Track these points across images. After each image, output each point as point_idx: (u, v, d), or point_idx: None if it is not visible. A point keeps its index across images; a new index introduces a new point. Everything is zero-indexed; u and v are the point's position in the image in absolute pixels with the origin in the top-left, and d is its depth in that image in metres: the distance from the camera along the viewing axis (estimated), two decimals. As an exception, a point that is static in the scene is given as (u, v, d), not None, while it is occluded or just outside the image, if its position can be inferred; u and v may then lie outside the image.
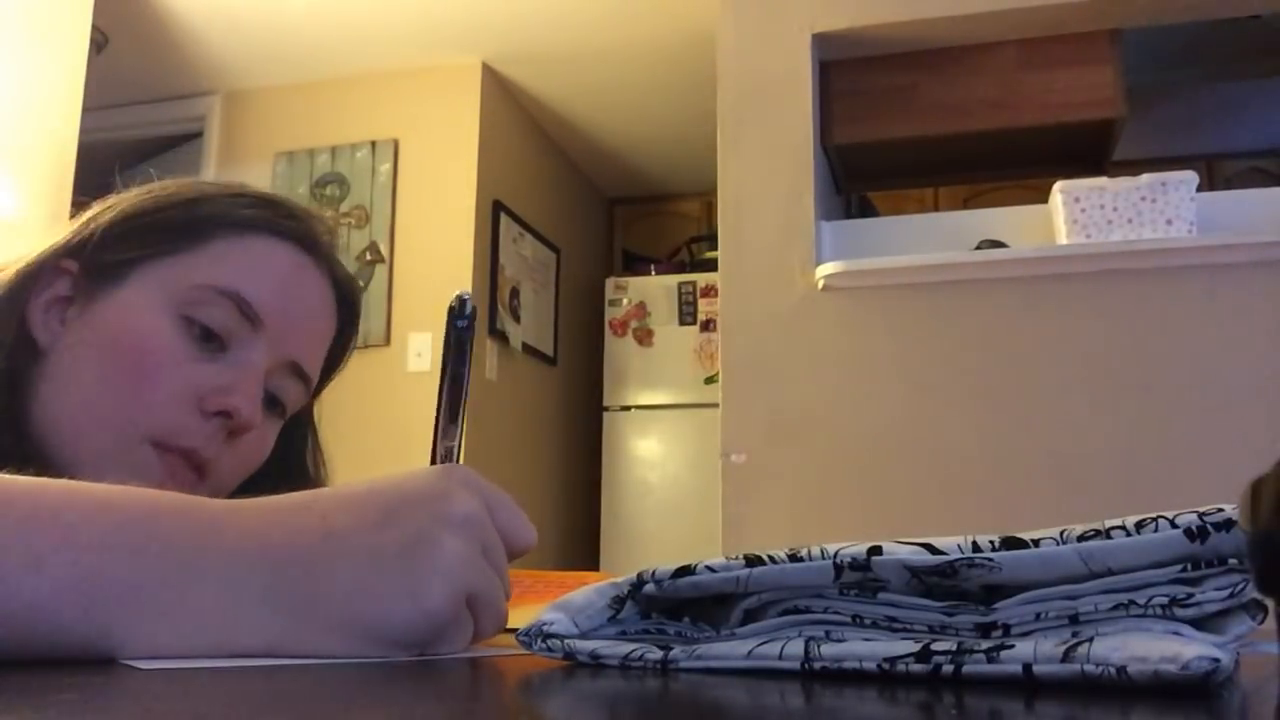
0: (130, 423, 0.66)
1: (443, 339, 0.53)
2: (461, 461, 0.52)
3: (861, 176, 3.17)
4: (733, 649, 0.38)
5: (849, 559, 0.37)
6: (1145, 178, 2.46)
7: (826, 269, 2.57)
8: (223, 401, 0.67)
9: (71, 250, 0.71)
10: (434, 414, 0.53)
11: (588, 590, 0.43)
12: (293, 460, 0.80)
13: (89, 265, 0.70)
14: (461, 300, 0.52)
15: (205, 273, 0.69)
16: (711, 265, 3.46)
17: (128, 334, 0.67)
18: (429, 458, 0.53)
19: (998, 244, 2.61)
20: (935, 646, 0.34)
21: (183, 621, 0.38)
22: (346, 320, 0.80)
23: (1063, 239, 2.50)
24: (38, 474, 0.54)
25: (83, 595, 0.37)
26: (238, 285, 0.69)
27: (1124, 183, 2.47)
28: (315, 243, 0.75)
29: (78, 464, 0.64)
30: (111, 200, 0.73)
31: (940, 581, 0.37)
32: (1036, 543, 0.35)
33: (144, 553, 0.39)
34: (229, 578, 0.39)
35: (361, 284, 3.78)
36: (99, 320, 0.68)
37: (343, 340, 0.80)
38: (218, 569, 0.39)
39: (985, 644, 0.34)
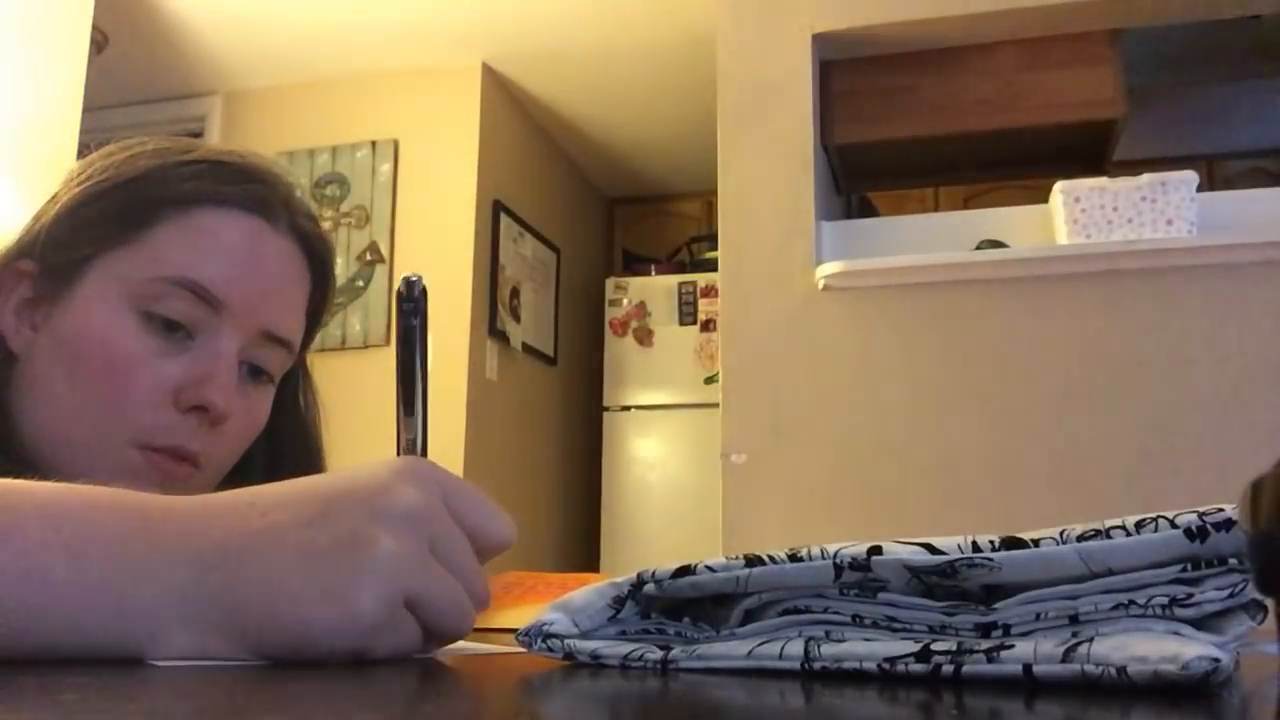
0: (110, 430, 0.66)
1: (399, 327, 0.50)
2: (429, 454, 0.50)
3: (861, 176, 3.17)
4: (733, 649, 0.38)
5: (849, 559, 0.37)
6: (1145, 178, 2.46)
7: (827, 269, 2.57)
8: (196, 396, 0.67)
9: (24, 250, 0.70)
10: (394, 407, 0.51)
11: (588, 590, 0.43)
12: (287, 409, 0.80)
13: (44, 266, 0.69)
14: (409, 283, 0.49)
15: (156, 264, 0.68)
16: (711, 265, 3.46)
17: (92, 341, 0.67)
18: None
19: (998, 244, 2.61)
20: (935, 646, 0.34)
21: (118, 625, 0.38)
22: (318, 271, 0.78)
23: (1063, 239, 2.50)
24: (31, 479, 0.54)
25: (23, 602, 0.37)
26: (190, 272, 0.68)
27: (1124, 183, 2.47)
28: (267, 203, 0.73)
29: (68, 473, 0.64)
30: (56, 190, 0.72)
31: (940, 581, 0.37)
32: (1036, 543, 0.35)
33: (84, 556, 0.38)
34: (164, 580, 0.38)
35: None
36: (64, 326, 0.68)
37: (320, 291, 0.79)
38: (154, 570, 0.38)
39: (985, 644, 0.34)
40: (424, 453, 0.49)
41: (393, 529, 0.40)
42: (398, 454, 0.49)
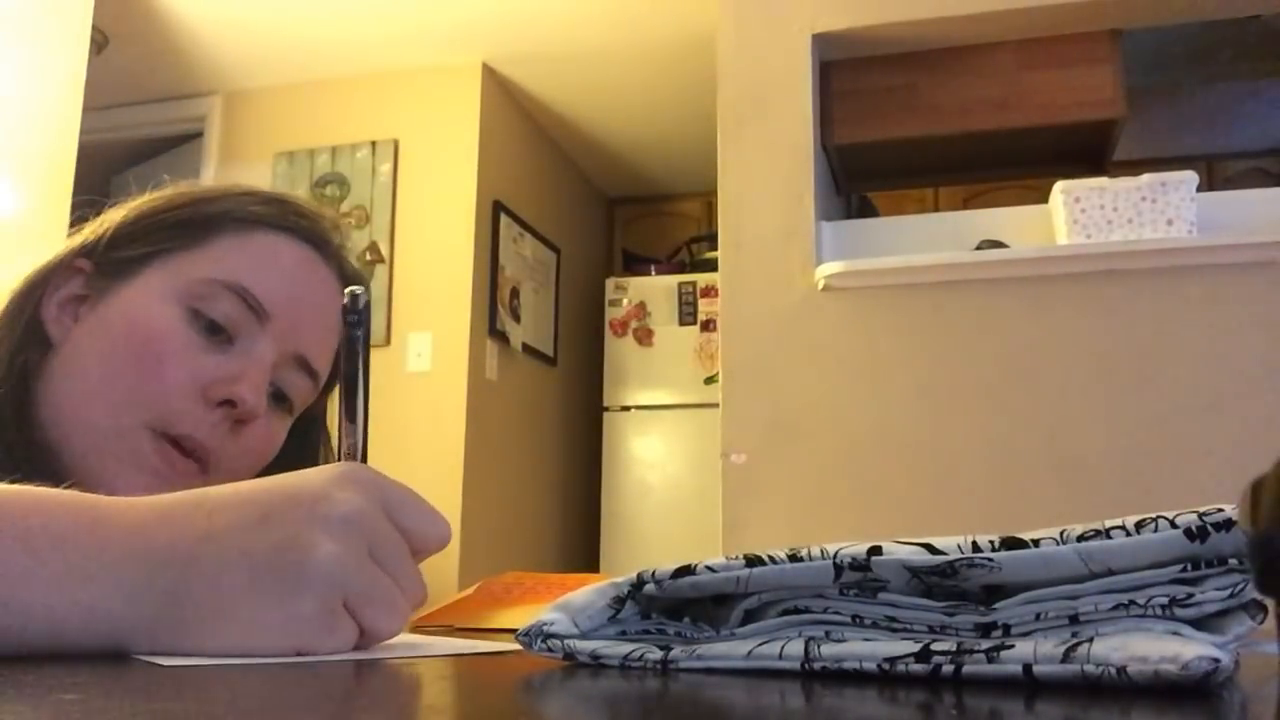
0: (130, 408, 0.67)
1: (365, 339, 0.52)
2: (370, 460, 0.52)
3: (861, 176, 3.17)
4: (733, 649, 0.38)
5: (849, 559, 0.37)
6: (1145, 178, 2.46)
7: (826, 269, 2.57)
8: (227, 390, 0.68)
9: (85, 250, 0.72)
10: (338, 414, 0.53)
11: (588, 590, 0.43)
12: (307, 460, 0.81)
13: (101, 263, 0.71)
14: (353, 296, 0.51)
15: (212, 267, 0.71)
16: (711, 265, 3.46)
17: (135, 324, 0.69)
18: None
19: (998, 244, 2.61)
20: (935, 646, 0.34)
21: (68, 619, 0.39)
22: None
23: (1063, 239, 2.49)
24: (40, 464, 0.55)
25: None
26: (244, 279, 0.70)
27: (1124, 183, 2.47)
28: (323, 240, 0.77)
29: (78, 452, 0.66)
30: (125, 201, 0.75)
31: (940, 581, 0.37)
32: (1036, 543, 0.35)
33: (34, 550, 0.39)
34: (114, 576, 0.40)
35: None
36: (108, 314, 0.69)
37: None
38: (103, 567, 0.40)
39: (985, 644, 0.34)
40: (364, 458, 0.51)
41: (332, 533, 0.42)
42: (338, 458, 0.52)
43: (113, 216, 0.73)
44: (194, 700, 0.31)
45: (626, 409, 4.41)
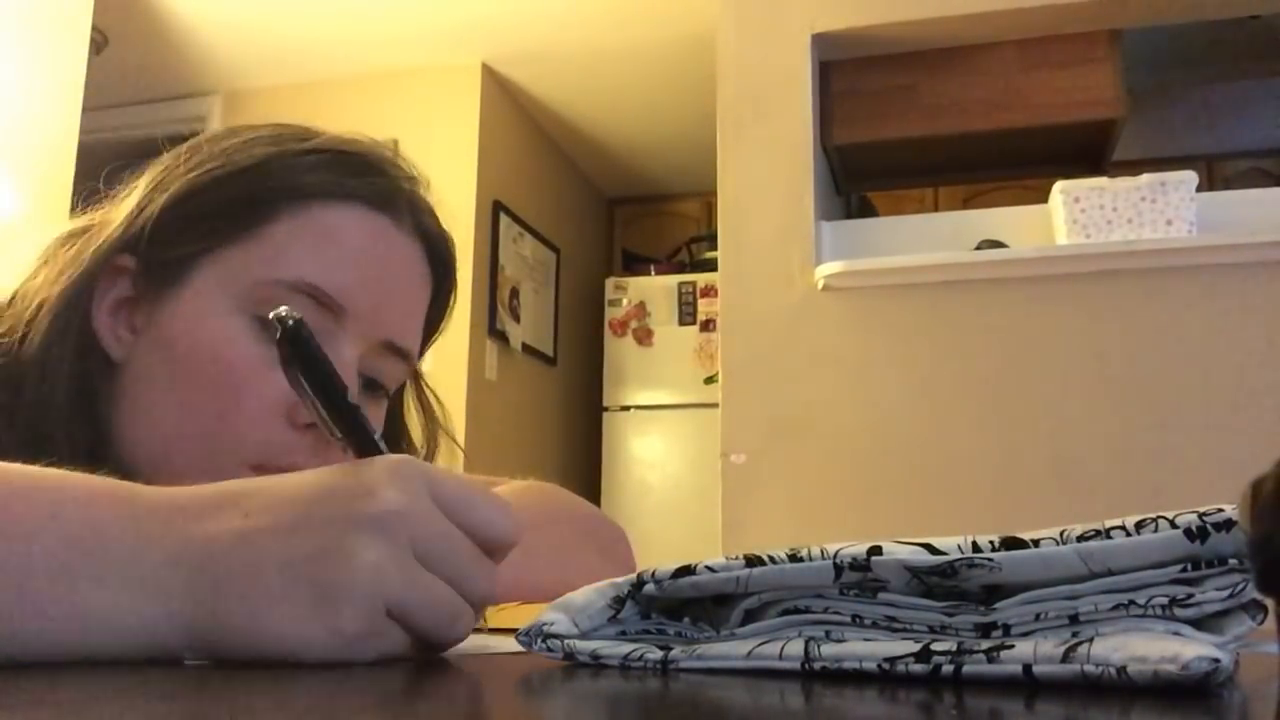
0: (221, 449, 0.60)
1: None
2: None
3: (861, 176, 3.17)
4: (733, 649, 0.38)
5: (849, 559, 0.37)
6: (1145, 178, 2.46)
7: (826, 269, 2.57)
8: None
9: (126, 244, 0.63)
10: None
11: (588, 590, 0.42)
12: (395, 430, 0.76)
13: (147, 262, 0.63)
14: (280, 322, 0.42)
15: (273, 265, 0.62)
16: (711, 265, 3.46)
17: (200, 346, 0.61)
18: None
19: (998, 244, 2.61)
20: (935, 646, 0.34)
21: (100, 622, 0.37)
22: (440, 275, 0.73)
23: (1063, 239, 2.50)
24: None
25: (10, 583, 0.36)
26: (309, 275, 0.62)
27: (1124, 183, 2.47)
28: (392, 200, 0.67)
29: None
30: (159, 176, 0.65)
31: (940, 581, 0.37)
32: (1036, 543, 0.35)
33: (78, 544, 0.38)
34: (156, 578, 0.38)
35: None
36: (168, 330, 0.62)
37: (440, 297, 0.75)
38: (147, 569, 0.38)
39: (985, 644, 0.34)
40: (371, 449, 0.45)
41: (372, 537, 0.39)
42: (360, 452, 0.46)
43: (153, 202, 0.63)
44: (193, 700, 0.31)
45: (626, 409, 4.41)
